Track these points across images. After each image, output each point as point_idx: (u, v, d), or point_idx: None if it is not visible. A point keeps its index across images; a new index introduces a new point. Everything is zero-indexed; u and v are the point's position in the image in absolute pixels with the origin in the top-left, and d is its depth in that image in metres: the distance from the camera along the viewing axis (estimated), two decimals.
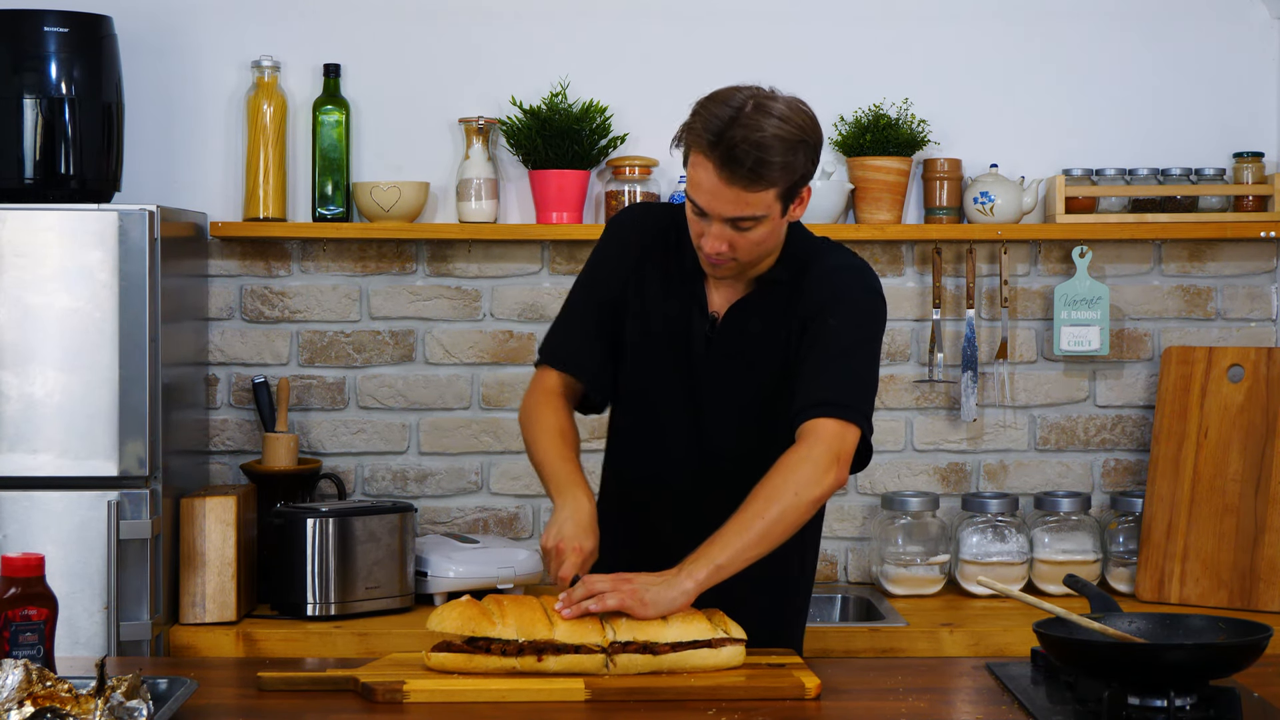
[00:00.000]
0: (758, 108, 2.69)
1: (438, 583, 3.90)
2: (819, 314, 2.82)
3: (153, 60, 4.16)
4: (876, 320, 2.88)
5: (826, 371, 2.78)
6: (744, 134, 2.65)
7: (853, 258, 2.92)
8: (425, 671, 2.59)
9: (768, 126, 2.67)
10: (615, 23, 4.23)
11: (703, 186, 2.70)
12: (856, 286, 2.86)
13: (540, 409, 2.94)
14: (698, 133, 2.69)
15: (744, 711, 2.48)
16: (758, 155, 2.65)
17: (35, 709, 2.24)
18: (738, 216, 2.71)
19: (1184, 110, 4.27)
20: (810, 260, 2.87)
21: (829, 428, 2.74)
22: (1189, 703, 2.41)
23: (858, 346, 2.83)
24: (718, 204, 2.70)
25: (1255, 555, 3.94)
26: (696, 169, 2.70)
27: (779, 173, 2.69)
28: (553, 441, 2.89)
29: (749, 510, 2.70)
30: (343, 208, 4.13)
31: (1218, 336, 4.27)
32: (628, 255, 2.93)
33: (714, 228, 2.73)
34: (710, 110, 2.70)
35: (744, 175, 2.66)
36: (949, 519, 4.20)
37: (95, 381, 3.62)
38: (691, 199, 2.73)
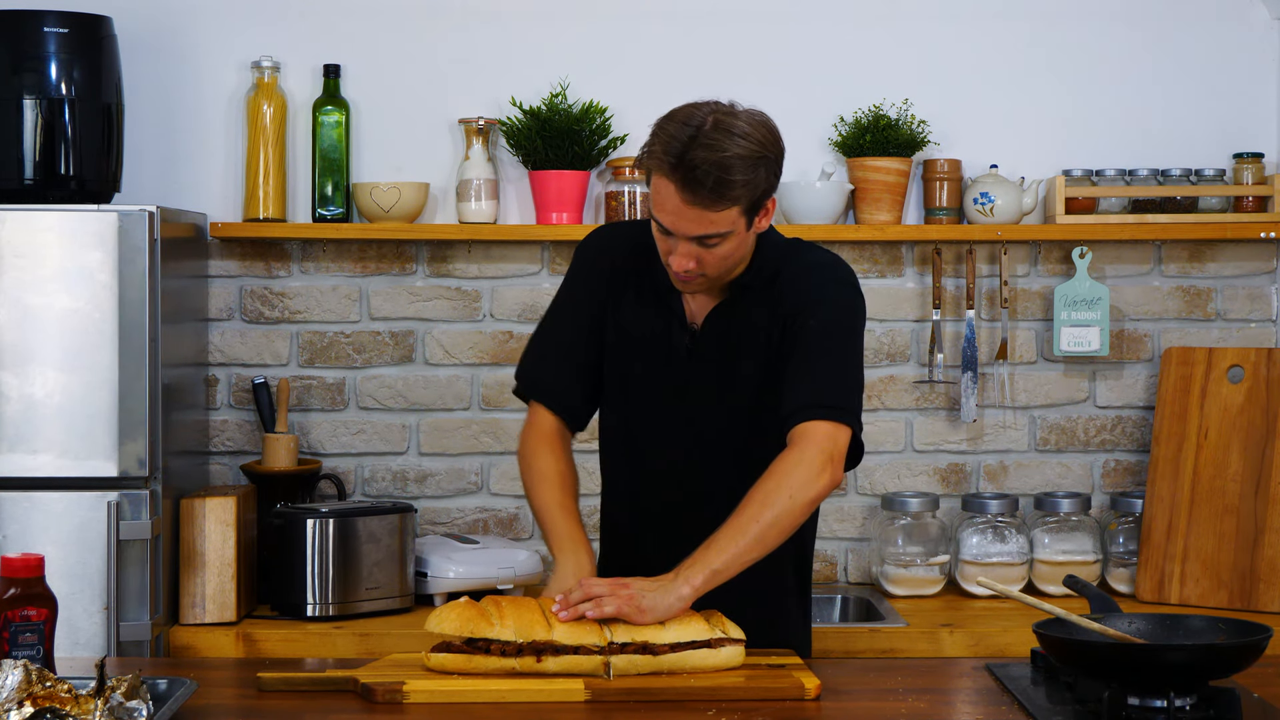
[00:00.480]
0: (717, 125, 2.67)
1: (438, 583, 3.90)
2: (799, 315, 2.83)
3: (153, 60, 4.16)
4: (856, 316, 2.89)
5: (813, 373, 2.79)
6: (704, 155, 2.64)
7: (825, 254, 2.94)
8: (425, 672, 2.60)
9: (729, 146, 2.65)
10: (615, 23, 4.23)
11: (666, 207, 2.70)
12: (832, 284, 2.88)
13: (537, 454, 2.94)
14: (658, 155, 2.68)
15: (744, 712, 2.48)
16: (719, 175, 2.65)
17: (35, 709, 2.24)
18: (702, 235, 2.71)
19: (1184, 110, 4.27)
20: (783, 261, 2.88)
21: (821, 430, 2.75)
22: (1189, 703, 2.41)
23: (841, 345, 2.84)
24: (681, 224, 2.70)
25: (1255, 556, 3.94)
26: (659, 190, 2.70)
27: (741, 190, 2.68)
28: (551, 491, 2.90)
29: (744, 514, 2.70)
30: (343, 208, 4.14)
31: (1218, 337, 4.27)
32: (600, 276, 2.95)
33: (680, 246, 2.73)
34: (669, 131, 2.69)
35: (706, 195, 2.66)
36: (949, 519, 4.20)
37: (95, 382, 3.62)
38: (656, 219, 2.74)
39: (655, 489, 2.93)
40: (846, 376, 2.83)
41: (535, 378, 2.98)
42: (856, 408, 2.81)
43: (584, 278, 2.97)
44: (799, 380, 2.79)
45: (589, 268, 2.97)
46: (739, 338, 2.86)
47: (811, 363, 2.80)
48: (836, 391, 2.79)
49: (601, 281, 2.94)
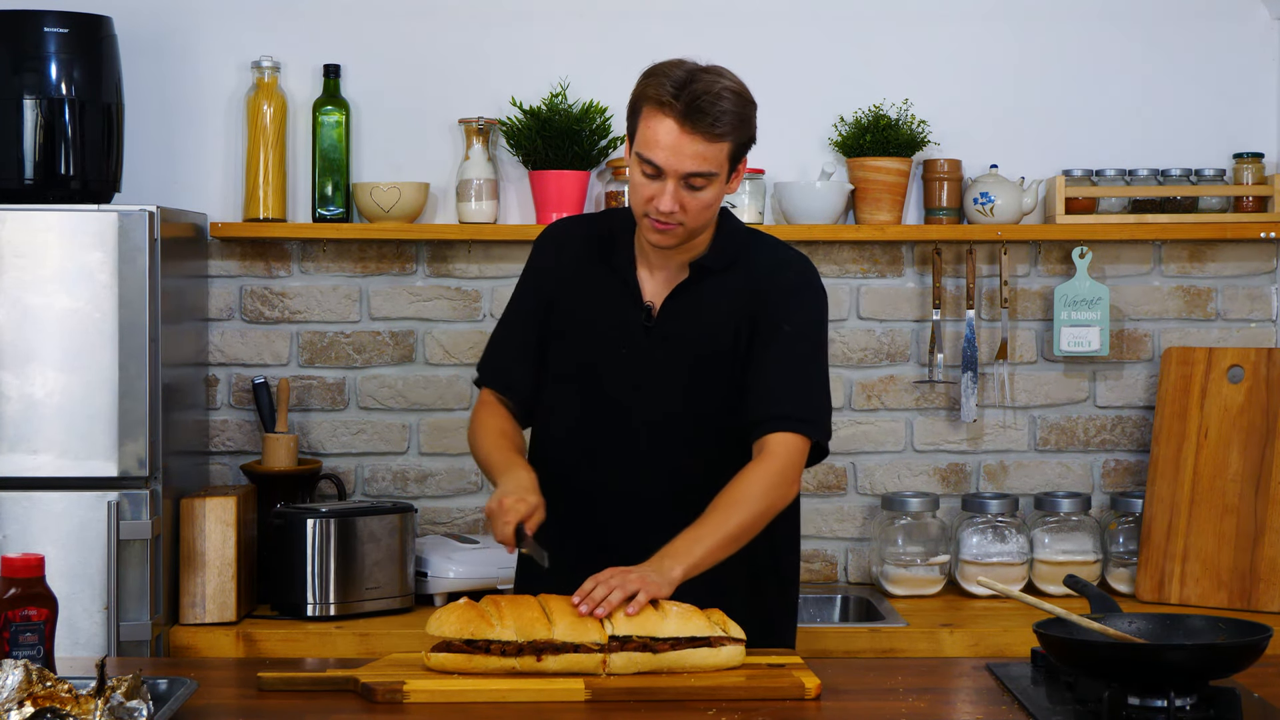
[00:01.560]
0: (707, 69, 2.81)
1: (438, 583, 3.90)
2: (772, 315, 2.88)
3: (153, 60, 4.16)
4: (825, 319, 2.99)
5: (785, 382, 2.87)
6: (703, 87, 2.76)
7: (791, 252, 2.99)
8: (425, 672, 2.59)
9: (724, 82, 2.80)
10: (615, 23, 4.23)
11: (661, 143, 2.76)
12: (808, 290, 2.95)
13: (481, 417, 3.02)
14: (656, 88, 2.77)
15: (744, 711, 2.48)
16: (719, 105, 2.76)
17: (35, 709, 2.24)
18: (693, 172, 2.77)
19: (1184, 110, 4.27)
20: (745, 248, 2.94)
21: (789, 443, 2.84)
22: (1189, 703, 2.41)
23: (813, 353, 2.93)
24: (675, 159, 2.76)
25: (1255, 555, 3.94)
26: (653, 126, 2.77)
27: (736, 125, 2.80)
28: (494, 439, 2.96)
29: (715, 517, 2.77)
30: (343, 208, 4.14)
31: (1218, 337, 4.27)
32: (552, 262, 3.02)
33: (668, 185, 2.78)
34: (663, 70, 2.79)
35: (706, 125, 2.75)
36: (949, 519, 4.20)
37: (95, 382, 3.62)
38: (647, 159, 2.78)
39: (611, 467, 2.94)
40: (816, 387, 2.91)
41: (492, 368, 3.05)
42: (825, 418, 2.90)
43: (534, 272, 3.05)
44: (770, 388, 2.86)
45: (541, 254, 3.05)
46: (699, 317, 2.90)
47: (784, 371, 2.87)
48: (806, 403, 2.87)
49: (553, 265, 3.01)
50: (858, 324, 4.25)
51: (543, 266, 3.04)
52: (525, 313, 3.03)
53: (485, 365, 3.08)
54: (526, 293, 3.06)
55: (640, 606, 2.61)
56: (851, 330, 4.26)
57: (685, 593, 2.71)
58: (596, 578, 2.67)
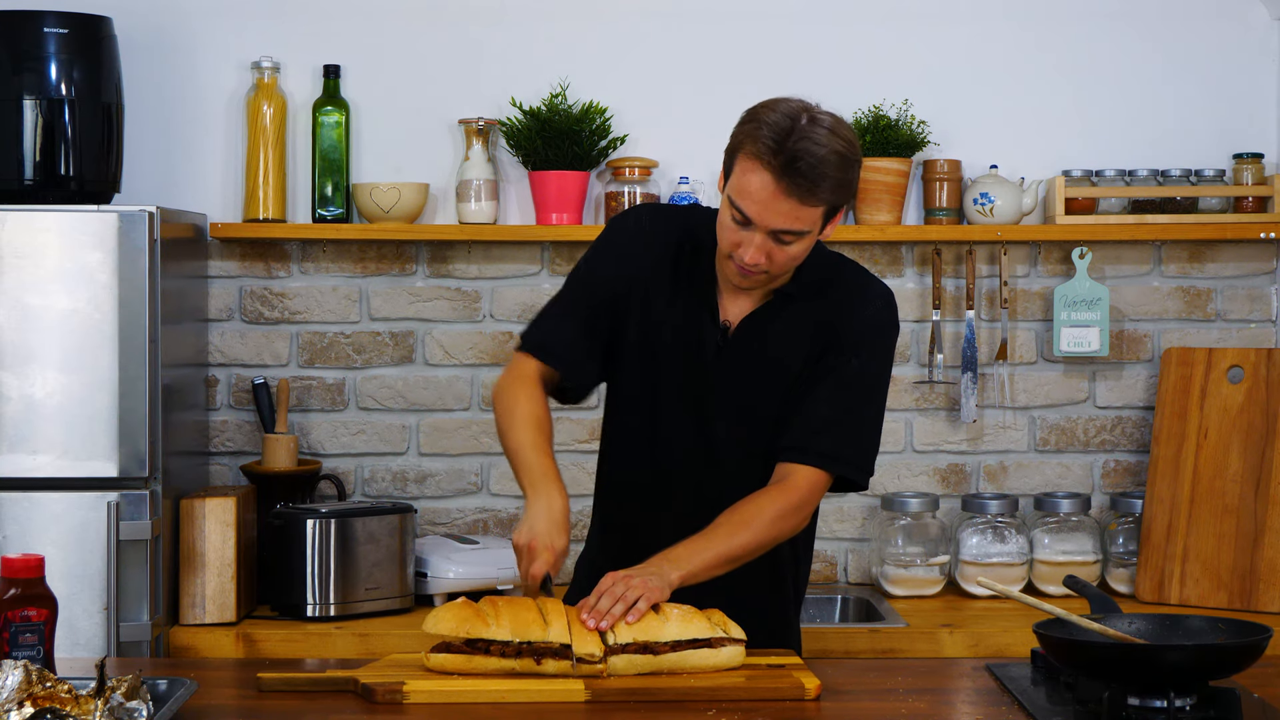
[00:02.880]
0: (813, 120, 2.65)
1: (438, 583, 3.91)
2: (842, 349, 2.81)
3: (153, 60, 4.16)
4: (892, 356, 2.91)
5: (830, 417, 2.80)
6: (806, 146, 2.62)
7: (875, 284, 2.90)
8: (425, 672, 2.59)
9: (827, 141, 2.64)
10: (615, 23, 4.24)
11: (755, 196, 2.64)
12: (884, 327, 2.87)
13: (516, 395, 2.86)
14: (757, 139, 2.64)
15: (744, 712, 2.48)
16: (820, 170, 2.62)
17: (35, 710, 2.24)
18: (784, 230, 2.66)
19: (1184, 111, 4.27)
20: (829, 276, 2.85)
21: (812, 478, 2.80)
22: (1189, 703, 2.41)
23: (871, 392, 2.86)
24: (768, 215, 2.65)
25: (1255, 556, 3.94)
26: (749, 175, 2.65)
27: (833, 190, 2.65)
28: (528, 431, 2.82)
29: (718, 534, 2.74)
30: (343, 209, 4.14)
31: (1218, 337, 4.27)
32: (634, 259, 2.87)
33: (756, 238, 2.68)
34: (768, 117, 2.65)
35: (802, 188, 2.62)
36: (949, 520, 4.20)
37: (95, 382, 3.62)
38: (737, 206, 2.67)
39: (665, 480, 2.91)
40: (863, 425, 2.85)
41: (537, 336, 2.90)
42: (864, 457, 2.85)
43: (616, 254, 2.90)
44: (813, 418, 2.80)
45: (623, 246, 2.90)
46: (774, 345, 2.83)
47: (834, 405, 2.81)
48: (845, 441, 2.81)
49: (634, 262, 2.86)
50: None
51: (625, 251, 2.88)
52: (591, 291, 2.88)
53: (534, 331, 2.91)
54: (598, 272, 2.89)
55: (641, 615, 2.60)
56: None
57: (711, 591, 2.73)
58: (598, 588, 2.66)
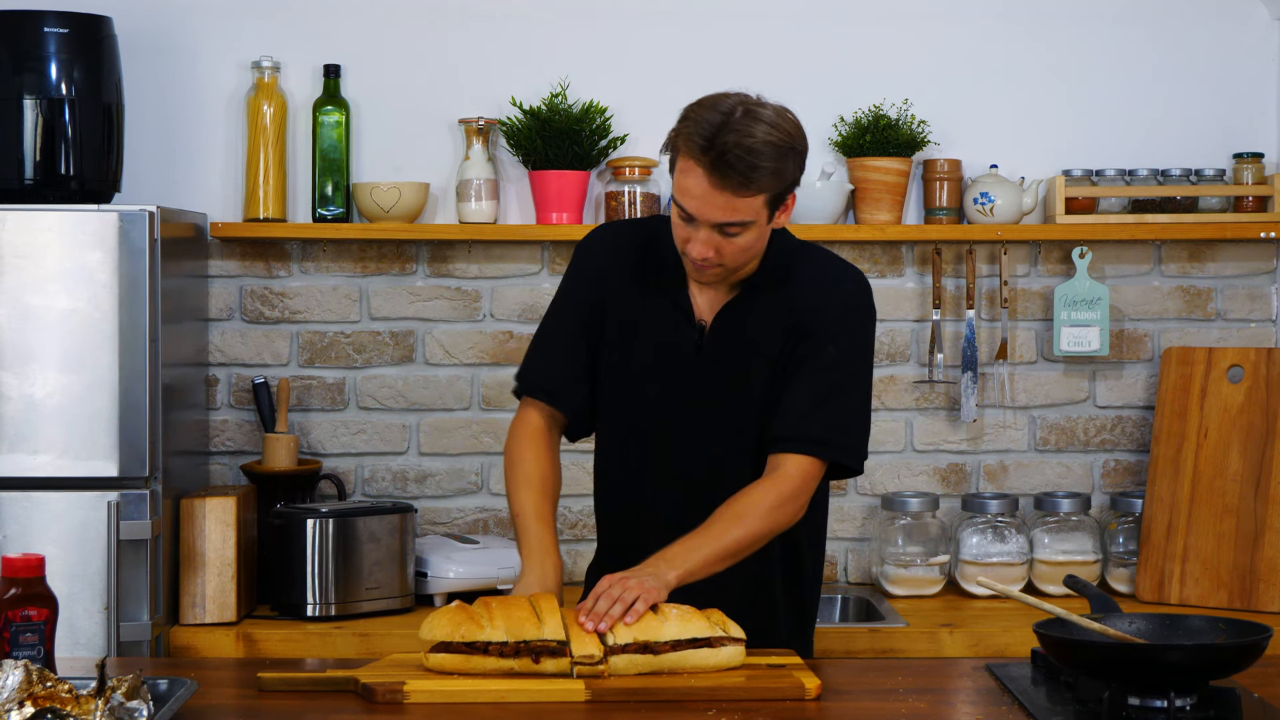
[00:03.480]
0: (747, 113, 2.68)
1: (438, 583, 3.90)
2: (817, 335, 2.83)
3: (153, 60, 4.16)
4: (872, 340, 2.92)
5: (814, 404, 2.82)
6: (735, 139, 2.65)
7: (846, 268, 2.92)
8: (425, 672, 2.59)
9: (758, 132, 2.66)
10: (615, 24, 4.23)
11: (691, 192, 2.69)
12: (858, 309, 2.89)
13: (523, 453, 2.91)
14: (688, 137, 2.68)
15: (744, 712, 2.48)
16: (749, 161, 2.65)
17: (35, 709, 2.24)
18: (725, 222, 2.70)
19: (1184, 110, 4.27)
20: (797, 262, 2.88)
21: (803, 466, 2.81)
22: (1189, 703, 2.41)
23: (853, 377, 2.87)
24: (706, 209, 2.69)
25: (1255, 555, 3.94)
26: (686, 175, 2.69)
27: (769, 179, 2.68)
28: (530, 495, 2.86)
29: (714, 529, 2.76)
30: (343, 208, 4.14)
31: (1218, 337, 4.27)
32: (601, 276, 2.91)
33: (701, 233, 2.72)
34: (700, 115, 2.69)
35: (735, 181, 2.65)
36: (949, 519, 4.20)
37: (95, 382, 3.62)
38: (679, 204, 2.72)
39: (658, 488, 2.91)
40: (849, 410, 2.86)
41: (535, 380, 2.95)
42: (855, 440, 2.86)
43: (580, 279, 2.95)
44: (797, 407, 2.82)
45: (588, 266, 2.95)
46: (751, 337, 2.85)
47: (817, 392, 2.82)
48: (832, 426, 2.82)
49: (600, 278, 2.91)
50: None
51: (593, 272, 2.93)
52: (573, 318, 2.93)
53: (526, 373, 2.97)
54: (574, 298, 2.95)
55: (639, 616, 2.61)
56: None
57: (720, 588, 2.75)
58: (595, 590, 2.66)
